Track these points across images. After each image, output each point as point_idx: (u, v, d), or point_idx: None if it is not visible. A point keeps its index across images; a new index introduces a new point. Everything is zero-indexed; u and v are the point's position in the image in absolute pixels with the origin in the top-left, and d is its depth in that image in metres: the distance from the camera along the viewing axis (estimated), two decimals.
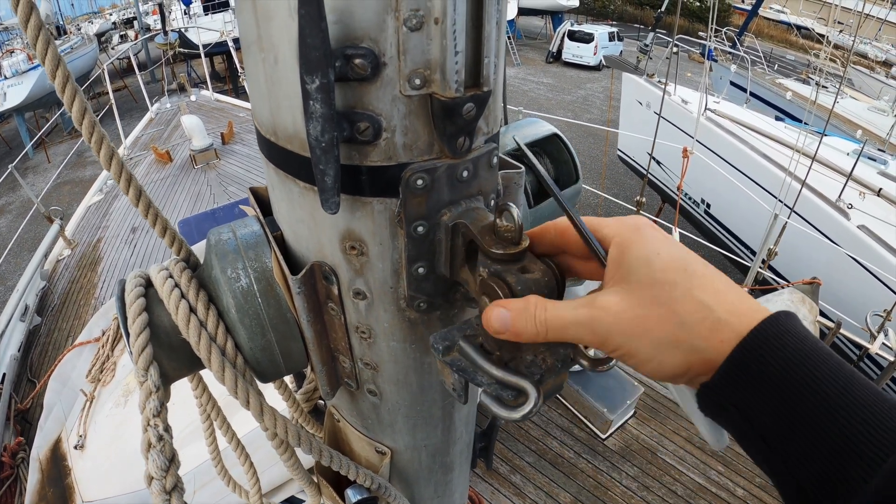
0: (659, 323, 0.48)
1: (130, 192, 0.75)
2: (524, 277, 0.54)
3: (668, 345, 0.48)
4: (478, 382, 0.57)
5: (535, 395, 0.53)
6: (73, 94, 0.66)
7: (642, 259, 0.50)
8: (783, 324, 0.45)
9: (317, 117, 0.48)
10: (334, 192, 0.52)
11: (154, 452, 0.70)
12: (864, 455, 0.38)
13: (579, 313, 0.51)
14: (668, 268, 0.49)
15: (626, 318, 0.49)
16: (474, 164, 0.60)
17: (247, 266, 0.72)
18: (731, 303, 0.47)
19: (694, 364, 0.47)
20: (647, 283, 0.49)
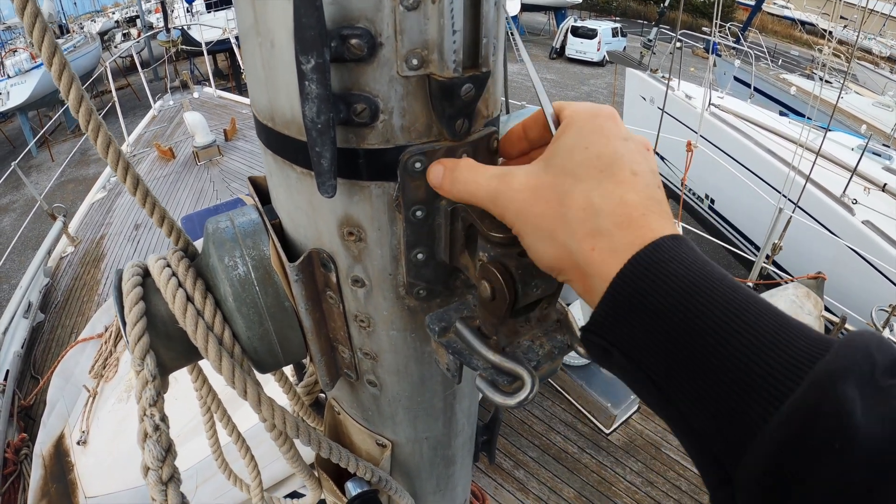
0: (546, 208, 0.46)
1: (128, 181, 0.74)
2: (524, 261, 0.53)
3: (547, 234, 0.46)
4: (473, 366, 0.56)
5: (531, 382, 0.52)
6: (79, 97, 0.65)
7: (567, 147, 0.48)
8: (666, 249, 0.40)
9: (312, 98, 0.47)
10: (331, 174, 0.51)
11: (150, 443, 0.69)
12: (763, 390, 0.33)
13: (490, 183, 0.50)
14: (585, 164, 0.46)
15: (521, 198, 0.48)
16: (474, 147, 0.59)
17: (244, 254, 0.71)
18: (627, 218, 0.43)
19: (566, 266, 0.46)
20: (558, 171, 0.47)
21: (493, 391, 0.54)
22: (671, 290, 0.38)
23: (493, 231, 0.54)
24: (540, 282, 0.54)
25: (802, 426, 0.31)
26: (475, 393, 1.00)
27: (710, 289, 0.38)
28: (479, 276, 0.55)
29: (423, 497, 1.12)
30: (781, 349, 0.34)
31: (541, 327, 0.59)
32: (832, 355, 0.33)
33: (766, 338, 0.35)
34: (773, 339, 0.35)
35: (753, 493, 0.33)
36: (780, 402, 0.33)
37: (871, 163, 8.17)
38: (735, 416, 0.34)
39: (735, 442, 0.34)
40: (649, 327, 0.39)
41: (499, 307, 0.53)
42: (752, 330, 0.35)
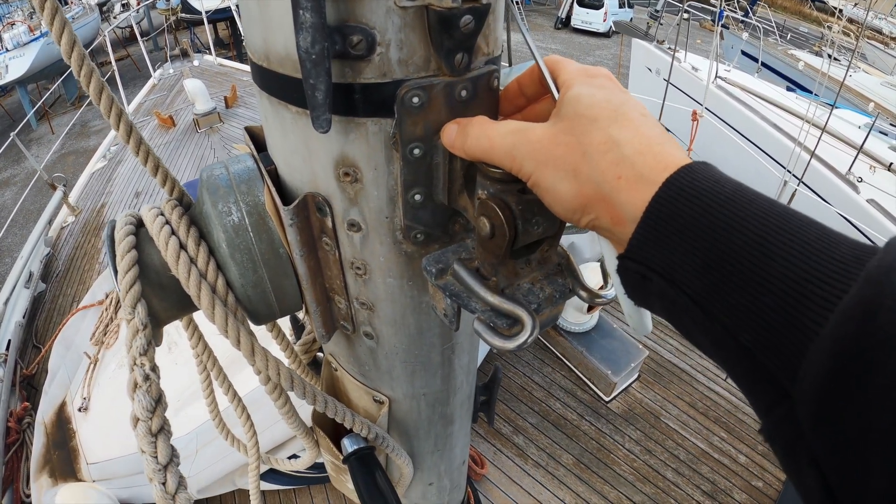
0: (566, 150, 0.47)
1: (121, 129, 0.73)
2: (525, 197, 0.52)
3: (568, 173, 0.46)
4: (471, 308, 0.55)
5: (532, 324, 0.50)
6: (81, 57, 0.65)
7: (575, 96, 0.49)
8: (699, 171, 0.41)
9: (307, 27, 0.45)
10: (325, 108, 0.50)
11: (140, 392, 0.67)
12: (814, 295, 0.33)
13: (506, 139, 0.50)
14: (595, 105, 0.47)
15: (540, 146, 0.48)
16: (474, 83, 0.57)
17: (238, 200, 0.69)
18: (648, 146, 0.43)
19: (591, 200, 0.46)
20: (571, 116, 0.48)
21: (491, 334, 0.52)
22: (710, 209, 0.38)
23: (492, 167, 0.52)
24: (541, 219, 0.52)
25: (863, 322, 0.30)
26: (474, 349, 0.99)
27: (749, 203, 0.38)
28: (479, 213, 0.53)
29: (421, 456, 1.11)
30: (828, 255, 0.34)
31: (541, 270, 0.58)
32: (882, 253, 0.32)
33: (810, 245, 0.34)
34: (818, 247, 0.34)
35: (817, 401, 0.32)
36: (834, 304, 0.32)
37: (878, 141, 8.12)
38: (788, 323, 0.34)
39: (791, 351, 0.33)
40: (690, 246, 0.38)
41: (498, 245, 0.52)
42: (795, 239, 0.35)
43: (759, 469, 4.07)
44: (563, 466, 4.10)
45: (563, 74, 0.54)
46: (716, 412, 4.47)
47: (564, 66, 0.55)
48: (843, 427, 0.30)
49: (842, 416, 0.30)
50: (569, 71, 0.54)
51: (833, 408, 0.31)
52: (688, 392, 4.64)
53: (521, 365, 4.85)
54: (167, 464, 0.70)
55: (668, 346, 5.07)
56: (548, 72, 0.55)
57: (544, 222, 0.53)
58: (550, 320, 0.58)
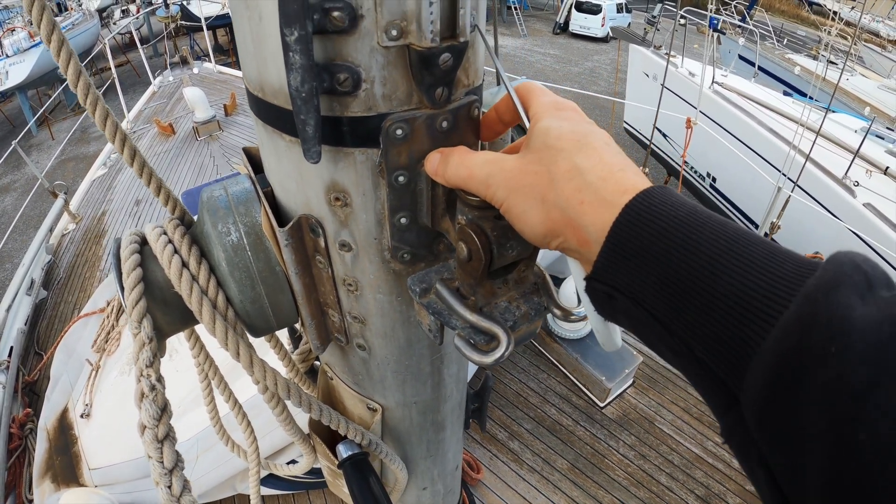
0: (535, 179, 0.50)
1: (125, 152, 0.77)
2: (500, 224, 0.55)
3: (537, 199, 0.50)
4: (452, 325, 0.59)
5: (507, 341, 0.54)
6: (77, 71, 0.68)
7: (543, 129, 0.52)
8: (655, 195, 0.44)
9: (296, 68, 0.49)
10: (315, 141, 0.54)
11: (147, 402, 0.72)
12: (757, 311, 0.36)
13: (482, 169, 0.54)
14: (562, 137, 0.50)
15: (511, 175, 0.52)
16: (454, 114, 0.61)
17: (237, 221, 0.73)
18: (609, 172, 0.47)
19: (558, 225, 0.49)
20: (539, 148, 0.51)
21: (470, 350, 0.56)
22: (665, 231, 0.41)
23: (470, 195, 0.56)
24: (515, 243, 0.56)
25: (799, 336, 0.33)
26: (462, 359, 1.02)
27: (701, 226, 0.41)
28: (457, 238, 0.57)
29: (414, 462, 1.15)
30: (772, 272, 0.37)
31: (518, 289, 0.61)
32: (821, 271, 0.36)
33: (756, 264, 0.38)
34: (763, 265, 0.38)
35: (759, 407, 0.35)
36: (775, 319, 0.35)
37: (875, 145, 8.11)
38: (734, 337, 0.37)
39: (737, 362, 0.37)
40: (649, 267, 0.41)
41: (475, 267, 0.55)
42: (742, 259, 0.38)
43: None
44: (558, 471, 4.12)
45: (533, 105, 0.57)
46: (710, 417, 4.48)
47: (535, 96, 0.58)
48: (781, 431, 0.34)
49: (781, 421, 0.34)
50: (540, 102, 0.57)
51: (773, 414, 0.34)
52: (682, 397, 4.66)
53: (517, 371, 4.87)
54: (172, 468, 0.74)
55: None
56: (519, 104, 0.59)
57: (518, 246, 0.56)
58: (526, 336, 0.61)
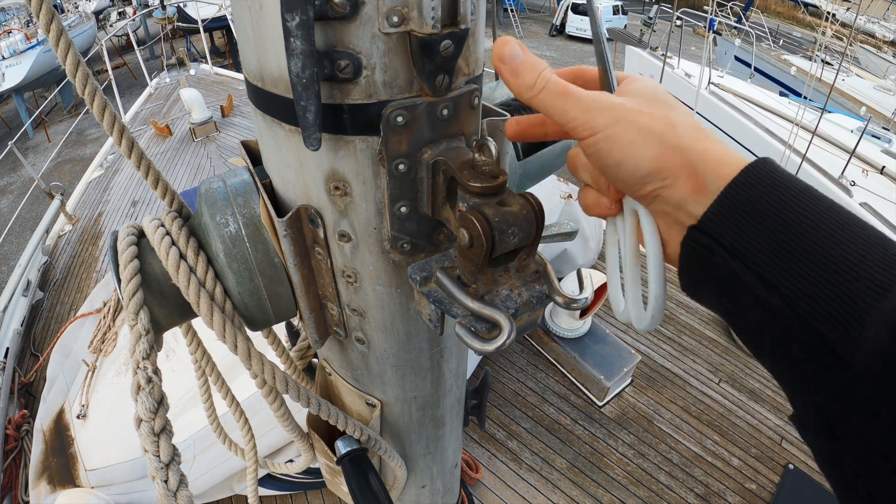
0: (652, 119, 0.49)
1: (123, 143, 0.76)
2: (502, 211, 0.55)
3: (654, 137, 0.49)
4: (453, 314, 0.58)
5: (509, 328, 0.54)
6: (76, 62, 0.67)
7: (651, 86, 0.53)
8: (775, 167, 0.45)
9: (297, 54, 0.49)
10: (315, 128, 0.53)
11: (143, 395, 0.71)
12: (874, 279, 0.38)
13: (580, 90, 0.52)
14: (670, 99, 0.51)
15: (622, 109, 0.50)
16: (455, 103, 0.61)
17: (235, 212, 0.73)
18: (723, 147, 0.48)
19: (672, 165, 0.48)
20: (650, 97, 0.51)
21: (471, 338, 0.56)
22: (786, 197, 0.43)
23: (471, 181, 0.56)
24: (517, 230, 0.55)
25: None
26: (463, 354, 1.02)
27: (817, 198, 0.43)
28: (459, 224, 0.57)
29: (414, 459, 1.14)
30: (884, 248, 0.39)
31: (519, 277, 0.61)
32: None
33: (871, 240, 0.40)
34: (878, 242, 0.40)
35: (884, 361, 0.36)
36: (889, 288, 0.37)
37: (871, 145, 8.15)
38: (848, 298, 0.38)
39: (849, 320, 0.38)
40: (764, 227, 0.42)
41: (476, 254, 0.55)
42: (858, 234, 0.40)
43: (752, 472, 4.09)
44: (557, 470, 4.11)
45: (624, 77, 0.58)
46: (709, 416, 4.49)
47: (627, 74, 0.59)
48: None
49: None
50: (627, 76, 0.58)
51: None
52: (681, 396, 4.66)
53: (515, 370, 4.86)
54: (169, 462, 0.73)
55: (660, 351, 5.08)
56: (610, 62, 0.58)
57: (520, 233, 0.56)
58: (529, 325, 0.61)
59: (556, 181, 5.61)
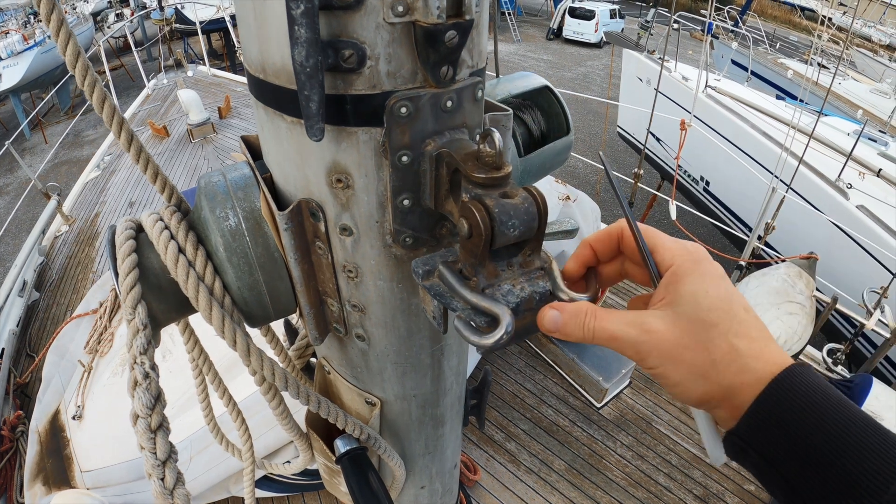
0: (694, 357, 0.54)
1: (122, 136, 0.75)
2: (504, 202, 0.54)
3: (698, 376, 0.54)
4: (453, 307, 0.58)
5: (508, 322, 0.53)
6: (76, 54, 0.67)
7: (691, 295, 0.55)
8: (797, 375, 0.51)
9: (301, 42, 0.48)
10: (319, 118, 0.53)
11: (140, 390, 0.70)
12: (869, 487, 0.45)
13: (627, 332, 0.56)
14: (713, 307, 0.54)
15: (667, 346, 0.55)
16: (458, 94, 0.61)
17: (235, 206, 0.72)
18: (759, 350, 0.53)
19: (715, 395, 0.54)
20: (692, 319, 0.54)
21: (469, 331, 0.55)
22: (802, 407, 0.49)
23: (475, 172, 0.55)
24: (518, 223, 0.55)
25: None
26: (463, 352, 1.01)
27: (829, 408, 0.49)
28: (459, 215, 0.56)
29: (413, 459, 1.13)
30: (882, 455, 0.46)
31: (523, 273, 0.60)
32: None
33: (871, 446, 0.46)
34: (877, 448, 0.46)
35: None
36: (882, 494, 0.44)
37: (867, 148, 8.17)
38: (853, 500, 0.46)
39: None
40: (784, 436, 0.49)
41: (476, 244, 0.54)
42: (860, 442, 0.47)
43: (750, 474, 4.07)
44: (556, 472, 4.10)
45: (661, 251, 0.60)
46: None
47: (661, 241, 0.61)
48: None
49: None
50: (668, 248, 0.60)
51: None
52: None
53: (513, 372, 4.84)
54: (166, 460, 0.72)
55: None
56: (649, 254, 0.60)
57: (521, 226, 0.55)
58: (526, 330, 0.60)
59: (555, 182, 5.59)
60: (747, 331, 0.54)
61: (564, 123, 1.12)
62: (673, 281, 0.57)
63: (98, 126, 16.39)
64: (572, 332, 0.58)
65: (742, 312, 0.55)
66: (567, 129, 1.12)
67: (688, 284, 0.56)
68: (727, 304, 0.55)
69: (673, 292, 0.56)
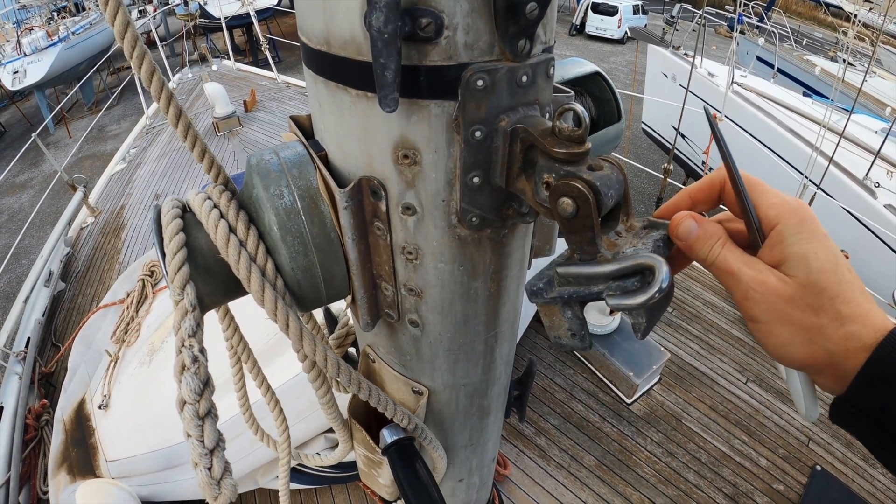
0: (803, 319, 0.54)
1: (171, 111, 0.73)
2: (598, 174, 0.53)
3: (805, 339, 0.54)
4: (595, 294, 0.57)
5: (663, 265, 0.52)
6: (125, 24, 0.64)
7: (801, 256, 0.55)
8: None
9: (381, 7, 0.47)
10: (394, 87, 0.51)
11: (188, 375, 0.67)
12: None
13: (744, 272, 0.56)
14: (822, 269, 0.54)
15: (778, 303, 0.55)
16: (533, 70, 0.59)
17: (290, 184, 0.69)
18: (865, 314, 0.53)
19: (819, 360, 0.54)
20: (803, 282, 0.54)
21: (628, 297, 0.54)
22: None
23: (556, 148, 0.53)
24: (614, 192, 0.54)
25: None
26: (514, 339, 0.99)
27: None
28: (556, 196, 0.54)
29: (455, 450, 1.11)
30: None
31: (633, 235, 0.60)
32: None
33: None
34: None
35: None
36: None
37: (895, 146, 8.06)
38: None
39: None
40: (892, 398, 0.50)
41: (587, 218, 0.53)
42: None
43: (780, 472, 4.03)
44: (585, 468, 4.08)
45: (766, 208, 0.59)
46: (737, 415, 4.43)
47: (763, 192, 0.60)
48: None
49: None
50: (773, 204, 0.58)
51: None
52: (709, 395, 4.60)
53: (543, 367, 4.82)
54: (214, 448, 0.70)
55: (688, 349, 5.02)
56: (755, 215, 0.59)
57: (615, 195, 0.55)
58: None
59: None
60: (853, 294, 0.54)
61: (616, 110, 1.09)
62: (780, 241, 0.56)
63: (122, 121, 16.60)
64: (699, 249, 0.59)
65: (847, 274, 0.55)
66: (618, 115, 1.10)
67: (796, 245, 0.55)
68: (835, 266, 0.54)
69: (781, 253, 0.56)
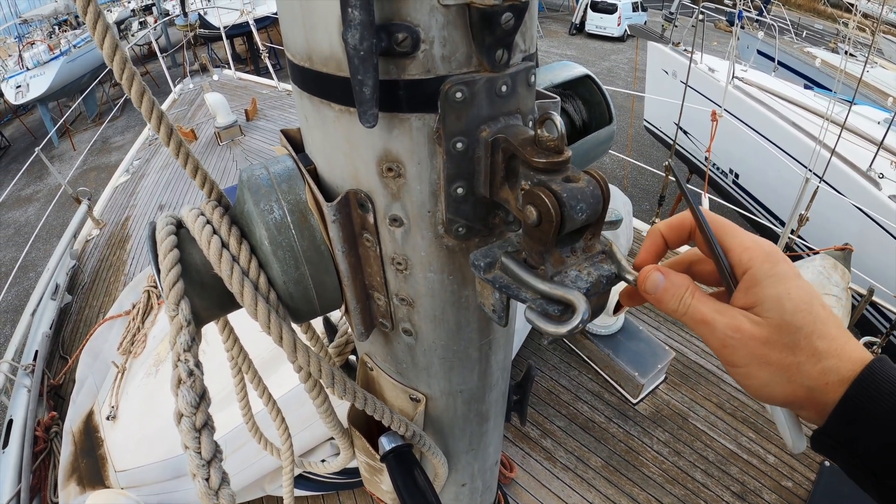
0: (780, 359, 0.55)
1: (161, 130, 0.74)
2: (570, 186, 0.53)
3: (784, 378, 0.55)
4: (522, 299, 0.56)
5: (585, 307, 0.52)
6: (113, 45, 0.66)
7: (775, 298, 0.55)
8: (878, 371, 0.53)
9: (356, 25, 0.47)
10: (372, 103, 0.52)
11: (184, 388, 0.68)
12: None
13: (718, 320, 0.57)
14: (797, 310, 0.55)
15: (755, 346, 0.55)
16: (513, 79, 0.59)
17: (280, 199, 0.70)
18: (840, 348, 0.54)
19: (800, 396, 0.56)
20: (777, 323, 0.55)
21: (544, 321, 0.54)
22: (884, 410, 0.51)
23: (535, 157, 0.54)
24: (584, 206, 0.53)
25: None
26: (510, 345, 0.99)
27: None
28: (525, 202, 0.55)
29: (456, 456, 1.12)
30: None
31: (586, 258, 0.59)
32: None
33: None
34: None
35: None
36: None
37: None
38: None
39: None
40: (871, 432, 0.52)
41: (546, 231, 0.53)
42: None
43: (788, 469, 4.01)
44: (592, 469, 4.07)
45: (738, 251, 0.59)
46: (743, 413, 4.41)
47: (734, 235, 0.60)
48: None
49: None
50: (746, 248, 0.58)
51: None
52: (715, 393, 4.58)
53: (548, 368, 4.81)
54: (211, 459, 0.70)
55: (694, 348, 5.00)
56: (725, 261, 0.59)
57: (587, 209, 0.54)
58: (597, 309, 0.59)
59: None
60: (828, 329, 0.55)
61: (607, 113, 1.09)
62: (754, 284, 0.57)
63: (125, 132, 16.66)
64: (668, 301, 0.59)
65: (822, 311, 0.56)
66: (609, 118, 1.10)
67: (770, 288, 0.56)
68: (809, 304, 0.55)
69: (755, 296, 0.56)
